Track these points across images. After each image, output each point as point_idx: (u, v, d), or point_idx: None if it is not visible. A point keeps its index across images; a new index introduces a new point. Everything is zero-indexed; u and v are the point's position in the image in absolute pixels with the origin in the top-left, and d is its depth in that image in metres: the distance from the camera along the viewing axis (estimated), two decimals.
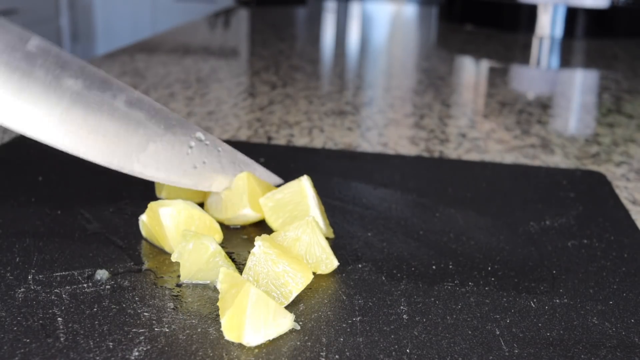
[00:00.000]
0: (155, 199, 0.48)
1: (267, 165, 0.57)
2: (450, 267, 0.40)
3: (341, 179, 0.54)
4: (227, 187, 0.45)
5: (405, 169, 0.57)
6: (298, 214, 0.42)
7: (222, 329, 0.32)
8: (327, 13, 1.98)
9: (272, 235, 0.39)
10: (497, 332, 0.33)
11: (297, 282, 0.35)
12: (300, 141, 0.68)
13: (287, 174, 0.52)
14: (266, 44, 1.30)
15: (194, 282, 0.37)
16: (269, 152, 0.60)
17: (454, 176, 0.56)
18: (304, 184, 0.43)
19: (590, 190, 0.54)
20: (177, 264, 0.38)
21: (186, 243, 0.37)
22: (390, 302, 0.36)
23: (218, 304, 0.34)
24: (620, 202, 0.52)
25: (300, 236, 0.39)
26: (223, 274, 0.34)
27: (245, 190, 0.44)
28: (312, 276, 0.36)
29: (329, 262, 0.39)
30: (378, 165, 0.58)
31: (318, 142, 0.68)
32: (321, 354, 0.31)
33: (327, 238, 0.42)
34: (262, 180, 0.46)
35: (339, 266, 0.39)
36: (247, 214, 0.44)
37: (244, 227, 0.44)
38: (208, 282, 0.37)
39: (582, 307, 0.36)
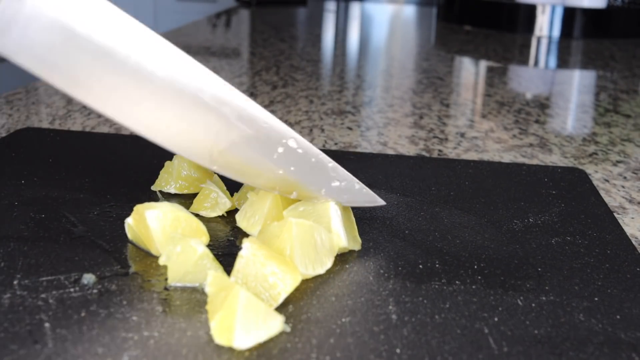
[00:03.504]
0: (140, 201, 0.47)
1: None
2: (437, 266, 0.40)
3: None
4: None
5: (388, 168, 0.58)
6: (321, 225, 0.41)
7: (212, 332, 0.32)
8: (327, 13, 1.98)
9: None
10: (486, 331, 0.34)
11: (286, 284, 0.35)
12: None
13: None
14: (267, 44, 1.30)
15: (182, 285, 0.37)
16: None
17: (437, 175, 0.57)
18: None
19: (571, 187, 0.55)
20: (164, 267, 0.38)
21: (174, 246, 0.37)
22: (378, 302, 0.36)
23: (207, 307, 0.34)
24: (601, 198, 0.53)
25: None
26: (212, 276, 0.34)
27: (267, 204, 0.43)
28: (300, 277, 0.36)
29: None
30: (362, 165, 0.58)
31: (318, 141, 0.68)
32: (312, 355, 0.31)
33: (351, 250, 0.42)
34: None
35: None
36: None
37: (231, 229, 0.44)
38: (196, 284, 0.37)
39: (569, 304, 0.37)
